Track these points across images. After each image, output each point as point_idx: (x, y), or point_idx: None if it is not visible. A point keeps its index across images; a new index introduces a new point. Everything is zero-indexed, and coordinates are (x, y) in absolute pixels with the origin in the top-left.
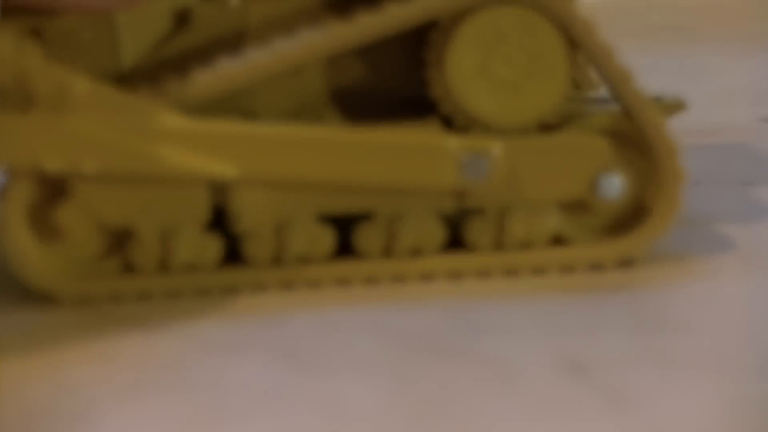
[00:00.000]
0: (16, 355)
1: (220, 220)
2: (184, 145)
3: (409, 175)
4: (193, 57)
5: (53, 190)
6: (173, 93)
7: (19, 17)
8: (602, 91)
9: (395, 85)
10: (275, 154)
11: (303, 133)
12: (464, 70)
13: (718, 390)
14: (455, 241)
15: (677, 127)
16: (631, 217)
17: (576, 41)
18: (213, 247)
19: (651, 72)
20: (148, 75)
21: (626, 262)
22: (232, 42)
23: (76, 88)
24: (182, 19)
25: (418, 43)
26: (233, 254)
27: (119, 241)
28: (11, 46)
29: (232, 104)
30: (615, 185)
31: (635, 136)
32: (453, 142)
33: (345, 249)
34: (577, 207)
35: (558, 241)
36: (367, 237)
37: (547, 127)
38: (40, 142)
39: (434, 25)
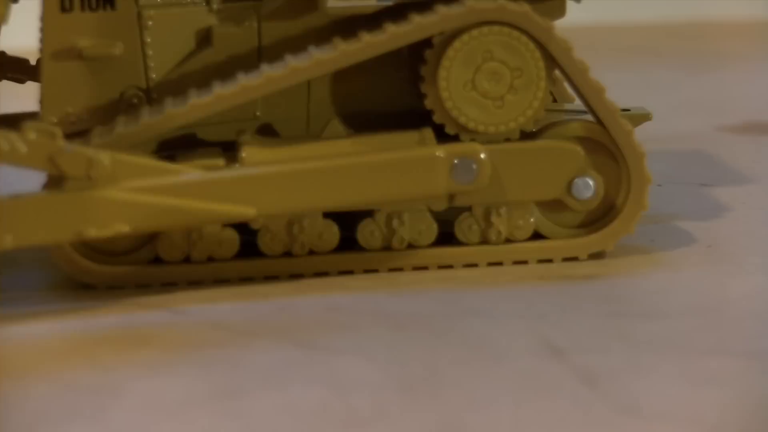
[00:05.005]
0: (56, 336)
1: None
2: (203, 194)
3: (409, 187)
4: (214, 73)
5: None
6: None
7: None
8: (577, 103)
9: (396, 97)
10: (287, 190)
11: (310, 167)
12: (454, 85)
13: (681, 368)
14: (446, 235)
15: (643, 135)
16: (602, 215)
17: (554, 59)
18: (232, 241)
19: (619, 86)
20: (174, 90)
21: (598, 254)
22: (249, 59)
23: (101, 162)
24: (204, 38)
25: (416, 61)
26: (249, 246)
27: (148, 236)
28: (37, 135)
29: (250, 114)
30: (588, 186)
31: (607, 143)
32: (444, 150)
33: (348, 242)
34: (554, 205)
35: (538, 235)
36: (368, 232)
37: (528, 134)
38: (77, 215)
39: (428, 43)
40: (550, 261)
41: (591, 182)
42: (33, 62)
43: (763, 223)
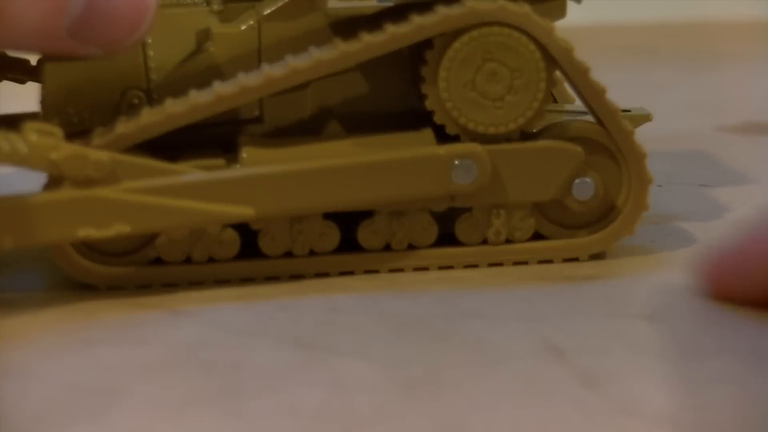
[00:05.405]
0: (55, 337)
1: None
2: (202, 195)
3: (409, 188)
4: (214, 73)
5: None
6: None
7: None
8: (578, 104)
9: (396, 97)
10: (286, 190)
11: (310, 167)
12: (454, 85)
13: (681, 369)
14: (447, 235)
15: (643, 135)
16: (603, 215)
17: (555, 59)
18: (233, 241)
19: (619, 87)
20: (175, 90)
21: (599, 255)
22: (249, 59)
23: (101, 162)
24: (204, 39)
25: (416, 61)
26: (250, 247)
27: (148, 236)
28: (38, 135)
29: (250, 114)
30: (589, 187)
31: (607, 144)
32: (445, 150)
33: (349, 243)
34: (555, 206)
35: (538, 236)
36: (368, 233)
37: (528, 134)
38: (77, 215)
39: (429, 44)
40: (550, 262)
41: (591, 183)
42: (33, 62)
43: None
